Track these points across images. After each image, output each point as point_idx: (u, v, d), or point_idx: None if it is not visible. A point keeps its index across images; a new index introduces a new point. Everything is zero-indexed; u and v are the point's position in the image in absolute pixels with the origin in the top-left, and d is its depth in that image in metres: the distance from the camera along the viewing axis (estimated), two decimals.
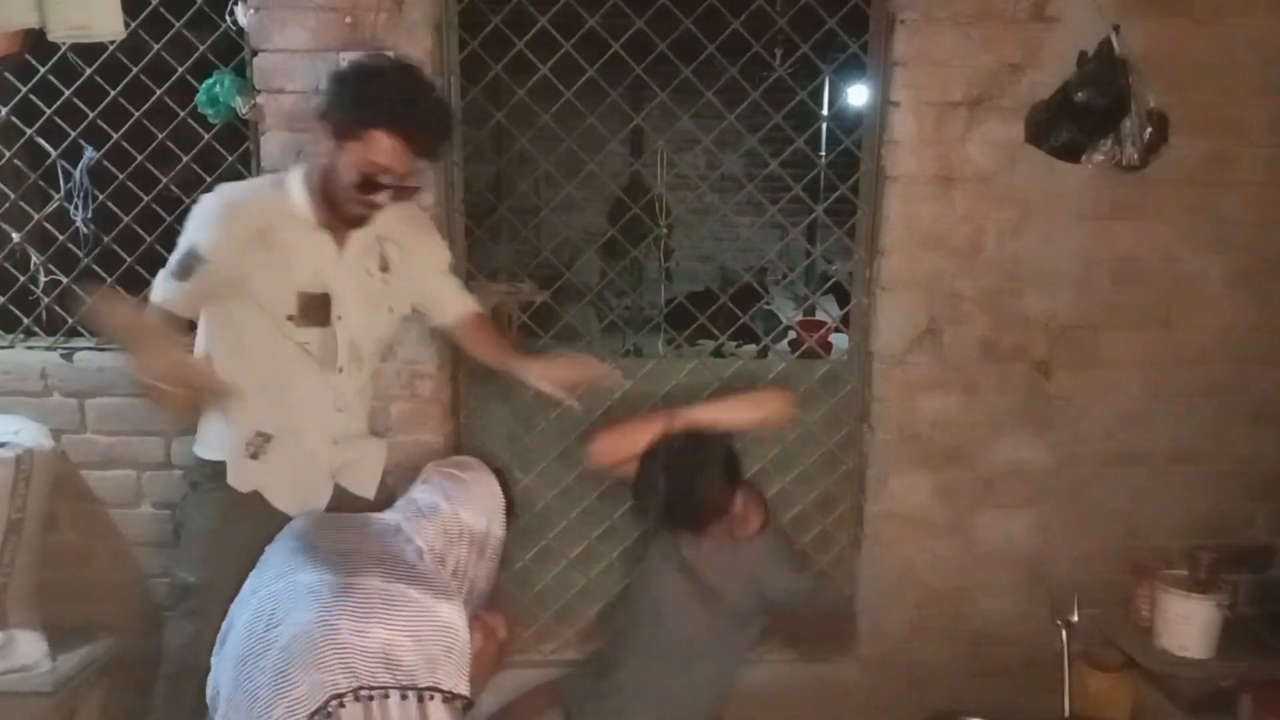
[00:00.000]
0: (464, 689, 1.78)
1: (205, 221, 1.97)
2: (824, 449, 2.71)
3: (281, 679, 1.68)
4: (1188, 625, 2.45)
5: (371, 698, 1.69)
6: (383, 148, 1.89)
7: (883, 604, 2.71)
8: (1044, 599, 2.55)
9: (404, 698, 1.72)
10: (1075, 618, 2.35)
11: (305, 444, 2.14)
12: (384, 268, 2.14)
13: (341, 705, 1.66)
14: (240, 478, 2.12)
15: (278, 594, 1.80)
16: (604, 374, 2.26)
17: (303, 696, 1.65)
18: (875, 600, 2.71)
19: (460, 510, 2.01)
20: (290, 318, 2.02)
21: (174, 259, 1.98)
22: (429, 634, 1.77)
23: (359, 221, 2.03)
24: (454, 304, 2.30)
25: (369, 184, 1.92)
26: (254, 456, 2.11)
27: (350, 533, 1.97)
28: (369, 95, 1.88)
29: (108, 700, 2.55)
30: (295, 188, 2.01)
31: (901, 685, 2.69)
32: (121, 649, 2.57)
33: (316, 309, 2.04)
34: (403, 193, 1.98)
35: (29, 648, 2.36)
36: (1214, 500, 2.68)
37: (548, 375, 2.20)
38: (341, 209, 1.98)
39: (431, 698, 1.74)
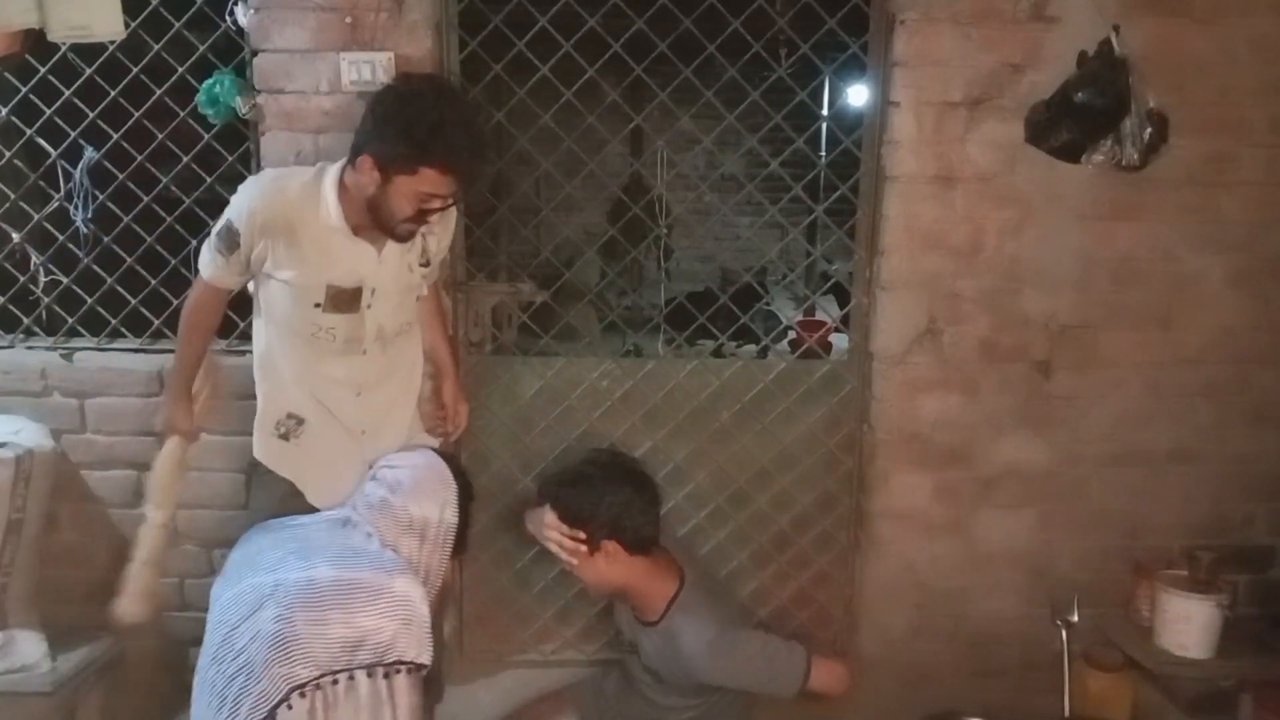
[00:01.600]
0: (426, 658, 1.84)
1: (244, 196, 2.02)
2: (824, 449, 2.70)
3: (246, 678, 1.72)
4: (1188, 625, 2.45)
5: (336, 681, 1.75)
6: (435, 183, 1.92)
7: (883, 604, 2.71)
8: (1044, 599, 2.55)
9: (369, 675, 1.77)
10: (1075, 618, 2.35)
11: (333, 431, 2.17)
12: (425, 262, 2.19)
13: (302, 695, 1.70)
14: (267, 454, 2.18)
15: (237, 597, 1.84)
16: (446, 431, 2.42)
17: (266, 691, 1.70)
18: (875, 600, 2.71)
19: (408, 503, 2.03)
20: (317, 305, 2.05)
21: (216, 230, 2.04)
22: (388, 609, 1.82)
23: (409, 237, 2.07)
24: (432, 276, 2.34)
25: (421, 212, 1.96)
26: (284, 437, 2.16)
27: (297, 531, 2.02)
28: (420, 134, 1.88)
29: (108, 700, 2.55)
30: (330, 197, 2.01)
31: (901, 685, 2.69)
32: (121, 649, 2.57)
33: (346, 299, 2.07)
34: (449, 209, 2.04)
35: (29, 648, 2.37)
36: (1214, 500, 2.68)
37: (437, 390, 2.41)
38: (393, 233, 2.02)
39: (397, 671, 1.80)
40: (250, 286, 2.15)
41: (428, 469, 2.12)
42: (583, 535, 2.19)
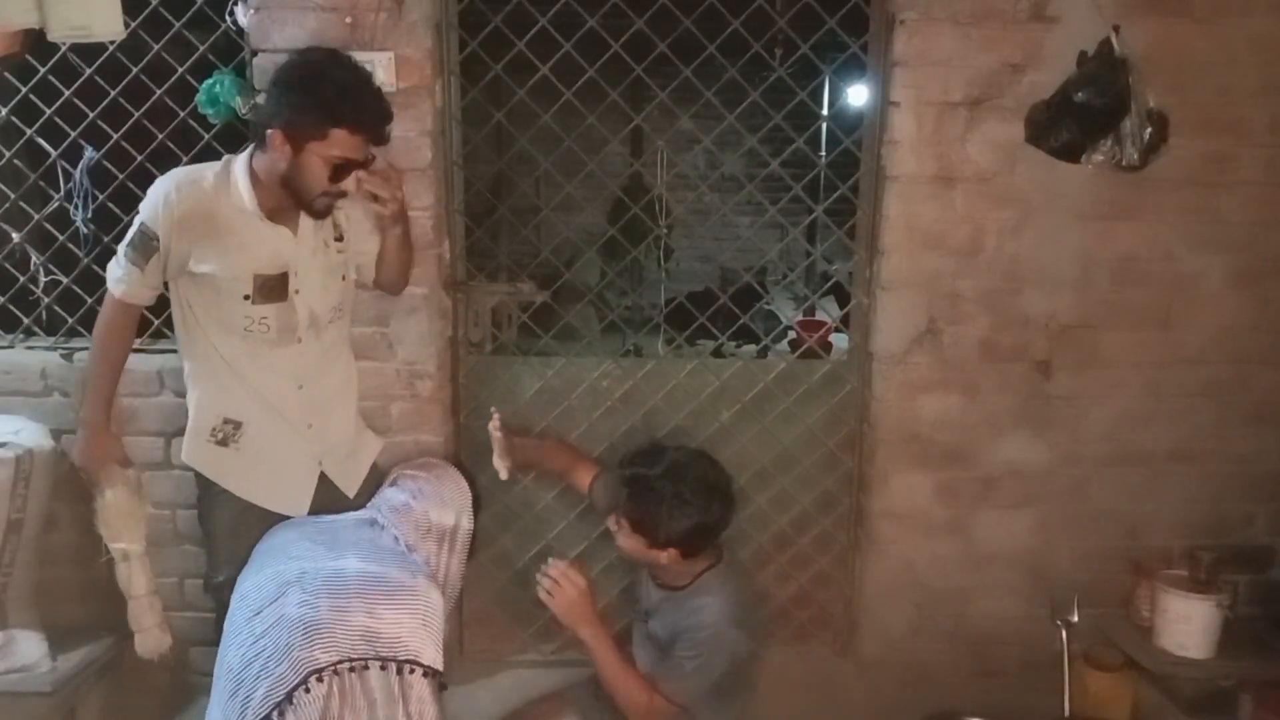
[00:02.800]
0: (439, 664, 1.88)
1: (156, 194, 2.02)
2: (824, 449, 2.70)
3: (264, 663, 1.75)
4: (1188, 625, 2.45)
5: (352, 669, 1.78)
6: (346, 144, 1.96)
7: (883, 604, 2.71)
8: (1044, 599, 2.55)
9: (384, 668, 1.81)
10: (1075, 618, 2.35)
11: (278, 430, 2.17)
12: (339, 237, 2.19)
13: (319, 679, 1.73)
14: (202, 460, 2.17)
15: (260, 585, 1.89)
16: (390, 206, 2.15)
17: (284, 674, 1.74)
18: (875, 600, 2.71)
19: (429, 508, 2.11)
20: (246, 297, 2.05)
21: (128, 242, 2.03)
22: (409, 607, 1.87)
23: (327, 212, 2.08)
24: (371, 252, 2.29)
25: (336, 175, 1.99)
26: (222, 443, 2.14)
27: (325, 526, 2.08)
28: (323, 98, 1.92)
29: (108, 700, 2.55)
30: (241, 182, 2.03)
31: (901, 685, 2.69)
32: (121, 649, 2.56)
33: (274, 287, 2.08)
34: (362, 170, 2.04)
35: (29, 648, 2.36)
36: (1214, 500, 2.68)
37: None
38: (311, 206, 2.04)
39: (412, 670, 1.83)
40: (171, 296, 2.13)
41: (446, 477, 2.19)
42: (644, 540, 2.16)
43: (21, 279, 2.61)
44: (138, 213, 2.05)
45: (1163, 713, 2.55)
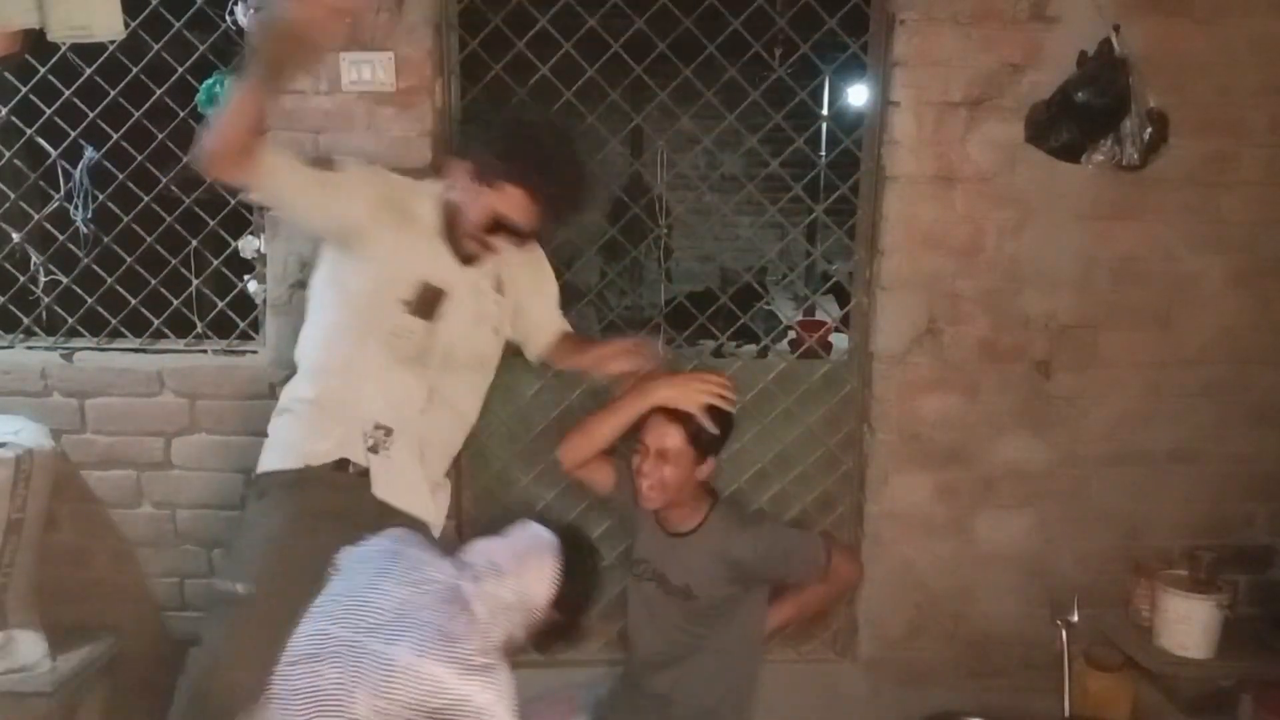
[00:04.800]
0: None
1: (362, 165, 2.06)
2: (824, 449, 2.70)
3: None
4: (1188, 625, 2.45)
5: None
6: (514, 203, 1.96)
7: (883, 604, 2.71)
8: (1044, 599, 2.55)
9: None
10: (1075, 618, 2.35)
11: (410, 443, 2.08)
12: (498, 289, 2.17)
13: None
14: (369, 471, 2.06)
15: (310, 634, 1.79)
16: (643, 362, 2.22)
17: None
18: (875, 600, 2.71)
19: (511, 582, 1.90)
20: (405, 302, 2.01)
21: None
22: (445, 710, 1.73)
23: (471, 259, 2.07)
24: (546, 327, 2.32)
25: (492, 229, 1.99)
26: (374, 450, 2.05)
27: (406, 588, 1.84)
28: (514, 151, 1.93)
29: (108, 700, 2.55)
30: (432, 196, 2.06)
31: (901, 685, 2.69)
32: (121, 649, 2.57)
33: (428, 302, 2.04)
34: (520, 240, 2.04)
35: (29, 648, 2.36)
36: (1214, 500, 2.68)
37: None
38: (459, 242, 2.04)
39: None
40: (310, 285, 2.12)
41: (538, 561, 1.93)
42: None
43: (22, 279, 2.61)
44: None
45: (1163, 713, 2.55)
